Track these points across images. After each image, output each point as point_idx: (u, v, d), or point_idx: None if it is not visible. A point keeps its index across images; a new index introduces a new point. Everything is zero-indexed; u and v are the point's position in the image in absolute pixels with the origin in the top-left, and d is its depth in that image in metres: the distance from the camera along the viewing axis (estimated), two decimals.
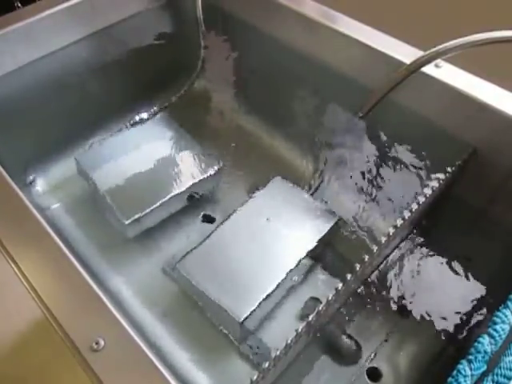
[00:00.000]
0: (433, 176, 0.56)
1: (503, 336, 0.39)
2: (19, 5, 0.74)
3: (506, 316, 0.40)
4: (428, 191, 0.53)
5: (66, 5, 0.67)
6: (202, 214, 0.70)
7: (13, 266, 0.44)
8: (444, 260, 0.63)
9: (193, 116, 0.82)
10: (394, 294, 0.61)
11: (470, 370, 0.38)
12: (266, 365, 0.41)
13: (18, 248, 0.45)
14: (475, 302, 0.59)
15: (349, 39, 0.64)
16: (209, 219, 0.70)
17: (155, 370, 0.37)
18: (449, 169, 0.55)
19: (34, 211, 0.48)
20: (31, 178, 0.73)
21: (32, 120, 0.69)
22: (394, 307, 0.60)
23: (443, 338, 0.57)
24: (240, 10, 0.76)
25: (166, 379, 0.37)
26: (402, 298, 0.61)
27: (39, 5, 0.67)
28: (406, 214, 0.52)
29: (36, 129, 0.70)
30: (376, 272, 0.62)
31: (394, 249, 0.64)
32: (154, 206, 0.63)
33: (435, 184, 0.54)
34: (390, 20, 0.64)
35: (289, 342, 0.43)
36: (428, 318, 0.59)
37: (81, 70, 0.73)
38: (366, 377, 0.55)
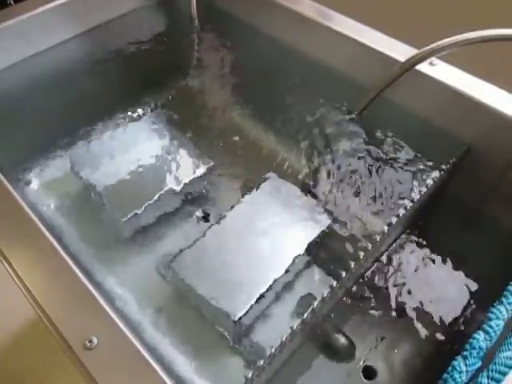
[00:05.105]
0: (427, 174, 0.56)
1: (498, 332, 0.39)
2: (12, 2, 0.73)
3: (500, 312, 0.40)
4: (422, 189, 0.53)
5: (58, 2, 0.67)
6: (196, 212, 0.70)
7: (6, 265, 0.44)
8: (438, 258, 0.63)
9: (187, 114, 0.82)
10: (388, 291, 0.61)
11: (465, 366, 0.38)
12: (261, 363, 0.41)
13: (11, 247, 0.45)
14: (469, 299, 0.59)
15: (344, 37, 0.64)
16: (203, 218, 0.70)
17: (149, 367, 0.37)
18: (443, 167, 0.55)
19: (28, 210, 0.48)
20: (25, 176, 0.73)
21: (26, 118, 0.69)
22: (389, 305, 0.60)
23: (438, 335, 0.57)
24: (235, 8, 0.76)
25: (160, 377, 0.36)
26: (396, 295, 0.61)
27: (32, 2, 0.66)
28: (401, 212, 0.52)
29: (30, 127, 0.70)
30: (371, 270, 0.62)
31: (389, 247, 0.64)
32: (148, 204, 0.63)
33: (430, 182, 0.54)
34: (385, 18, 0.64)
35: (284, 339, 0.43)
36: (422, 316, 0.59)
37: (74, 68, 0.72)
38: (361, 375, 0.55)
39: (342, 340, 0.57)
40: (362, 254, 0.50)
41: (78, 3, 0.69)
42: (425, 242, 0.65)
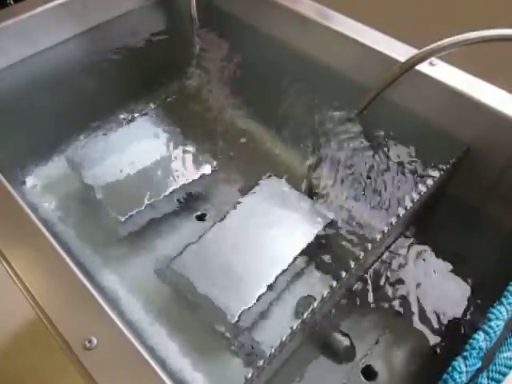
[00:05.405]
0: (427, 174, 0.56)
1: (498, 333, 0.39)
2: (11, 1, 0.73)
3: (500, 313, 0.40)
4: (422, 189, 0.53)
5: (58, 2, 0.67)
6: (195, 213, 0.70)
7: (5, 265, 0.44)
8: (438, 258, 0.63)
9: (186, 114, 0.82)
10: (388, 292, 0.61)
11: (465, 366, 0.38)
12: (261, 363, 0.41)
13: (10, 247, 0.45)
14: (469, 300, 0.59)
15: (344, 37, 0.64)
16: (203, 218, 0.70)
17: (148, 368, 0.37)
18: (443, 167, 0.55)
19: (28, 210, 0.47)
20: (24, 176, 0.73)
21: (25, 118, 0.68)
22: (389, 305, 0.60)
23: (438, 336, 0.57)
24: (234, 7, 0.76)
25: (160, 377, 0.36)
26: (396, 295, 0.61)
27: (31, 2, 0.66)
28: (401, 212, 0.52)
29: (29, 127, 0.70)
30: (370, 270, 0.62)
31: (389, 247, 0.64)
32: (147, 204, 0.63)
33: (429, 182, 0.54)
34: (385, 18, 0.64)
35: (283, 339, 0.43)
36: (422, 316, 0.59)
37: (74, 68, 0.72)
38: (360, 375, 0.55)
39: (342, 340, 0.57)
40: (361, 253, 0.49)
41: (78, 3, 0.69)
42: (425, 242, 0.65)
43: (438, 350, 0.56)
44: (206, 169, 0.67)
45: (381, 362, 0.56)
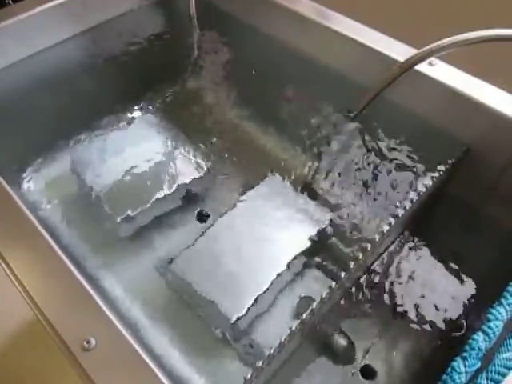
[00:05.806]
0: (426, 174, 0.56)
1: (497, 333, 0.39)
2: (10, 1, 0.73)
3: (499, 313, 0.40)
4: (421, 189, 0.53)
5: (57, 2, 0.67)
6: (195, 212, 0.70)
7: (4, 265, 0.44)
8: (437, 258, 0.63)
9: (186, 115, 0.82)
10: (387, 292, 0.61)
11: (465, 366, 0.37)
12: (260, 363, 0.41)
13: (9, 247, 0.45)
14: (468, 300, 0.59)
15: (343, 37, 0.64)
16: (203, 218, 0.70)
17: (147, 368, 0.37)
18: (442, 167, 0.55)
19: (26, 210, 0.47)
20: (23, 177, 0.72)
21: (24, 118, 0.68)
22: (388, 305, 0.60)
23: (437, 336, 0.57)
24: (234, 7, 0.76)
25: (158, 378, 0.36)
26: (395, 296, 0.61)
27: (30, 1, 0.66)
28: (400, 212, 0.52)
29: (28, 127, 0.70)
30: (370, 270, 0.62)
31: (388, 247, 0.64)
32: (147, 204, 0.63)
33: (429, 182, 0.54)
34: (385, 18, 0.64)
35: (282, 340, 0.43)
36: (421, 316, 0.59)
37: (73, 68, 0.72)
38: (360, 375, 0.55)
39: (341, 340, 0.57)
40: (360, 254, 0.49)
41: (77, 3, 0.69)
42: (424, 242, 0.64)
43: (437, 350, 0.56)
44: (206, 168, 0.67)
45: (380, 362, 0.56)
